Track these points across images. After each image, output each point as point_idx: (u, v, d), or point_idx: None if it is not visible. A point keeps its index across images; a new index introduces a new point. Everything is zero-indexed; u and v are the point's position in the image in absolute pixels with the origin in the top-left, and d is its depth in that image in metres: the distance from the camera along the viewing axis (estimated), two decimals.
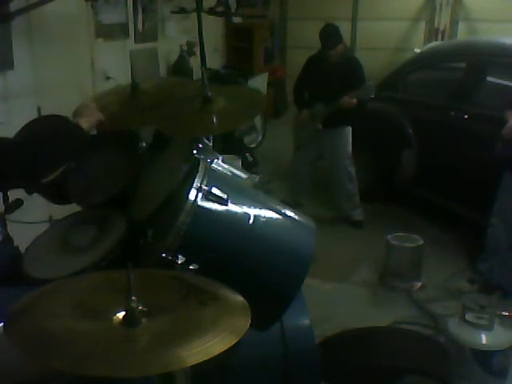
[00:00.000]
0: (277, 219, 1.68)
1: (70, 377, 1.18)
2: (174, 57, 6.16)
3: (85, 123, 1.79)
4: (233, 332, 1.10)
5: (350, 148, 4.64)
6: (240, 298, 1.25)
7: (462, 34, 8.10)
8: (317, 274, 3.48)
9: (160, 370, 1.02)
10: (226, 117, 1.80)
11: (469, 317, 2.69)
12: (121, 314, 1.13)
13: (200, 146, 1.77)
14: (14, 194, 1.98)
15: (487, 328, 2.64)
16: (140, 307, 1.13)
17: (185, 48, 6.13)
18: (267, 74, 7.89)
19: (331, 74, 4.48)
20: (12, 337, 1.07)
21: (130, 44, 5.27)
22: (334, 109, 4.41)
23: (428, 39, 8.36)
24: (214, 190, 1.53)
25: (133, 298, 1.12)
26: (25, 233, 1.94)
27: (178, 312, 1.18)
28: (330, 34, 4.45)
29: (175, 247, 1.47)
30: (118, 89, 2.36)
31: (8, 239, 1.98)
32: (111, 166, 1.95)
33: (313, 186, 5.16)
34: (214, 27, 7.30)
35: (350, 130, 4.61)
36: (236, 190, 1.66)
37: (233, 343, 1.07)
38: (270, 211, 1.67)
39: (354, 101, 4.36)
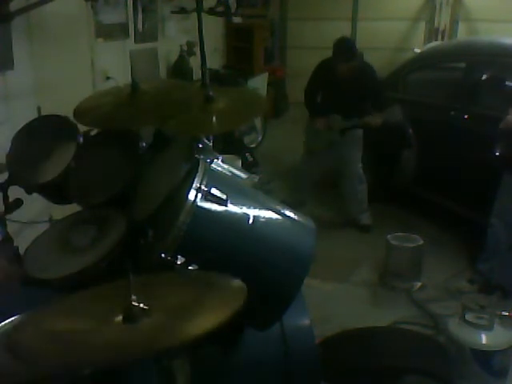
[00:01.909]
0: (276, 219, 1.68)
1: (70, 377, 1.18)
2: (174, 57, 6.16)
3: None
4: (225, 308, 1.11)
5: (361, 152, 4.62)
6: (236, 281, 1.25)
7: (462, 34, 8.10)
8: (317, 274, 3.48)
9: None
10: (227, 116, 1.80)
11: (469, 317, 2.69)
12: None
13: (200, 145, 1.77)
14: (14, 193, 1.99)
15: (487, 328, 2.65)
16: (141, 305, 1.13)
17: (185, 48, 6.12)
18: (267, 73, 7.88)
19: (344, 86, 4.39)
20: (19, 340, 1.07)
21: (130, 44, 5.26)
22: (358, 126, 4.39)
23: (428, 39, 8.37)
24: (214, 191, 1.53)
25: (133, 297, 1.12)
26: (25, 233, 1.94)
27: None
28: (344, 49, 4.34)
29: (175, 247, 1.47)
30: (118, 89, 2.35)
31: (8, 239, 1.98)
32: (111, 166, 1.95)
33: (314, 186, 5.15)
34: (213, 27, 7.30)
35: (361, 132, 4.58)
36: (236, 191, 1.66)
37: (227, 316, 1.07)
38: (270, 211, 1.67)
39: (380, 121, 4.33)
